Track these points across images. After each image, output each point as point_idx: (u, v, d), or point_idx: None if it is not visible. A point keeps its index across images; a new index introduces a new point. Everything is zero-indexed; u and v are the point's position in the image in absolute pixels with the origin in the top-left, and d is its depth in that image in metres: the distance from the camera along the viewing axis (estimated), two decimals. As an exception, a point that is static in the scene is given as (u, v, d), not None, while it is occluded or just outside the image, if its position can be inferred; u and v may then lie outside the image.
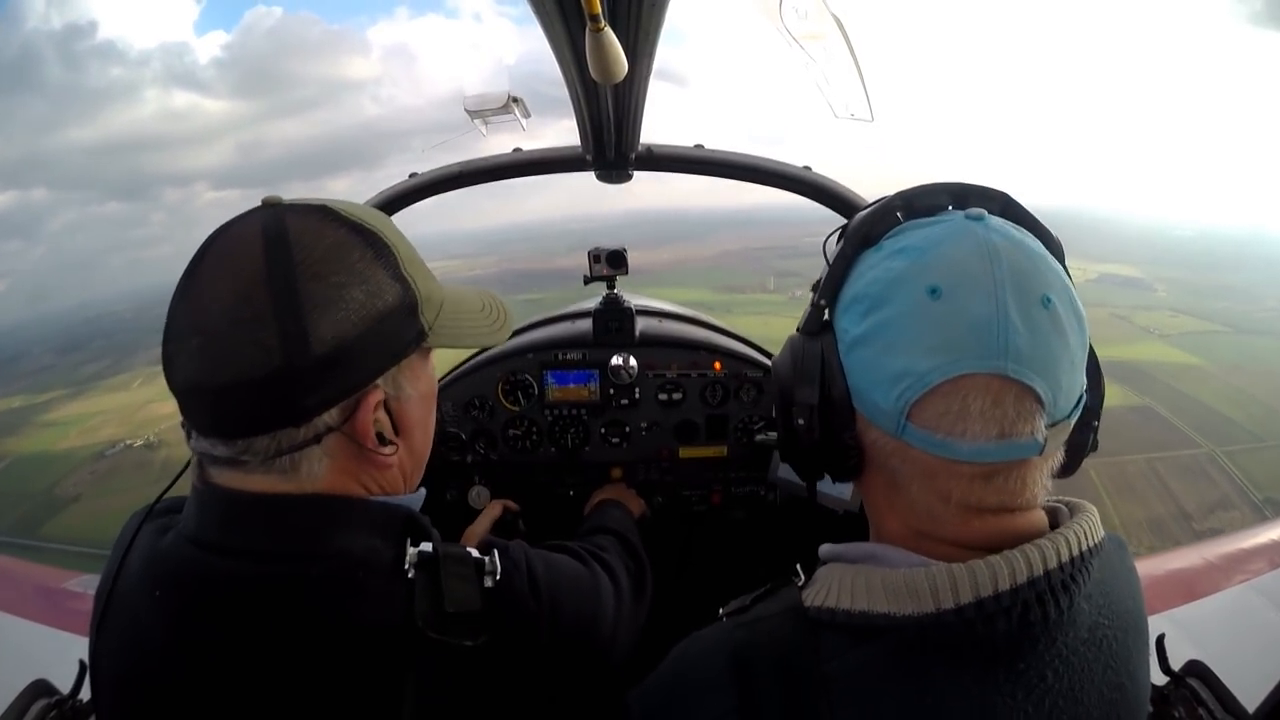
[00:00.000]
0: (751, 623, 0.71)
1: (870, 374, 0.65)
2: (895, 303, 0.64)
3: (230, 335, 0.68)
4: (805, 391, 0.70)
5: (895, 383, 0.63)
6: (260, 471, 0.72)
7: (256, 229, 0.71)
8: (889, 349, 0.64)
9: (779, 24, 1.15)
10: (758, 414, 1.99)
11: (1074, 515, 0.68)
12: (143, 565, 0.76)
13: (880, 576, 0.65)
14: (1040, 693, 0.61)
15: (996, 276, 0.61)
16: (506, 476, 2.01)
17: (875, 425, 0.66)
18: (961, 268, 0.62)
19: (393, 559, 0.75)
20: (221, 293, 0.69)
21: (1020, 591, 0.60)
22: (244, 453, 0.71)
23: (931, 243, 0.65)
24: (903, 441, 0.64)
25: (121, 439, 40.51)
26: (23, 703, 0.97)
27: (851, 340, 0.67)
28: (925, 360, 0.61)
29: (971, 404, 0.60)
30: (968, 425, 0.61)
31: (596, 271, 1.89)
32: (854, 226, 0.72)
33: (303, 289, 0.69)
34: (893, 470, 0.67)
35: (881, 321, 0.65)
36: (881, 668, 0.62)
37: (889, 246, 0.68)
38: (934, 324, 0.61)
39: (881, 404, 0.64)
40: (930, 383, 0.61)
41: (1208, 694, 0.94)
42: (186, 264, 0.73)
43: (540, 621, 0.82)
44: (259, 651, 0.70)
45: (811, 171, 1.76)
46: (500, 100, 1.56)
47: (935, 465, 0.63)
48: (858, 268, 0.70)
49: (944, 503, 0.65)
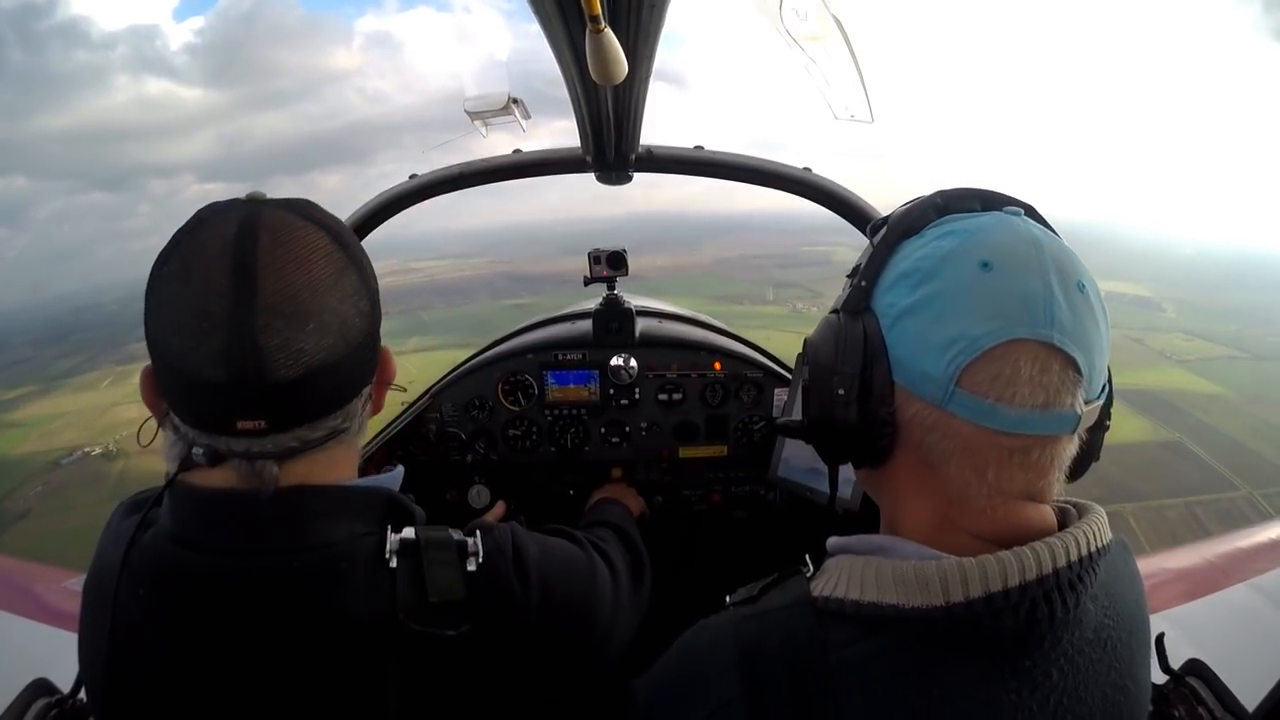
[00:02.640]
0: (760, 613, 0.71)
1: (919, 343, 0.66)
2: (947, 275, 0.66)
3: (338, 310, 0.73)
4: (848, 363, 0.69)
5: (947, 348, 0.64)
6: (335, 444, 0.78)
7: (289, 214, 0.75)
8: (940, 317, 0.65)
9: (779, 25, 1.15)
10: (758, 414, 1.99)
11: (1082, 516, 0.69)
12: (127, 562, 0.76)
13: (890, 568, 0.65)
14: (1045, 691, 0.61)
15: (1040, 259, 0.64)
16: (506, 476, 2.01)
17: (919, 397, 0.66)
18: (1010, 248, 0.65)
19: (374, 547, 0.75)
20: (313, 276, 0.72)
21: (1029, 588, 0.60)
22: (343, 421, 0.78)
23: (978, 227, 0.68)
24: (946, 412, 0.64)
25: (80, 445, 38.28)
26: (23, 702, 0.97)
27: (899, 312, 0.68)
28: (979, 326, 0.63)
29: (1022, 369, 0.62)
30: (1017, 390, 0.62)
31: (596, 273, 1.90)
32: (897, 217, 0.74)
33: (358, 256, 0.78)
34: (928, 447, 0.67)
35: (934, 291, 0.66)
36: (889, 659, 0.63)
37: (933, 233, 0.70)
38: (987, 294, 0.64)
39: (931, 371, 0.65)
40: (983, 346, 0.62)
41: (1207, 693, 0.94)
42: (205, 264, 0.70)
43: (526, 605, 0.81)
44: (245, 647, 0.70)
45: (811, 173, 1.76)
46: (500, 101, 1.56)
47: (976, 437, 0.64)
48: (900, 252, 0.72)
49: (979, 479, 0.65)
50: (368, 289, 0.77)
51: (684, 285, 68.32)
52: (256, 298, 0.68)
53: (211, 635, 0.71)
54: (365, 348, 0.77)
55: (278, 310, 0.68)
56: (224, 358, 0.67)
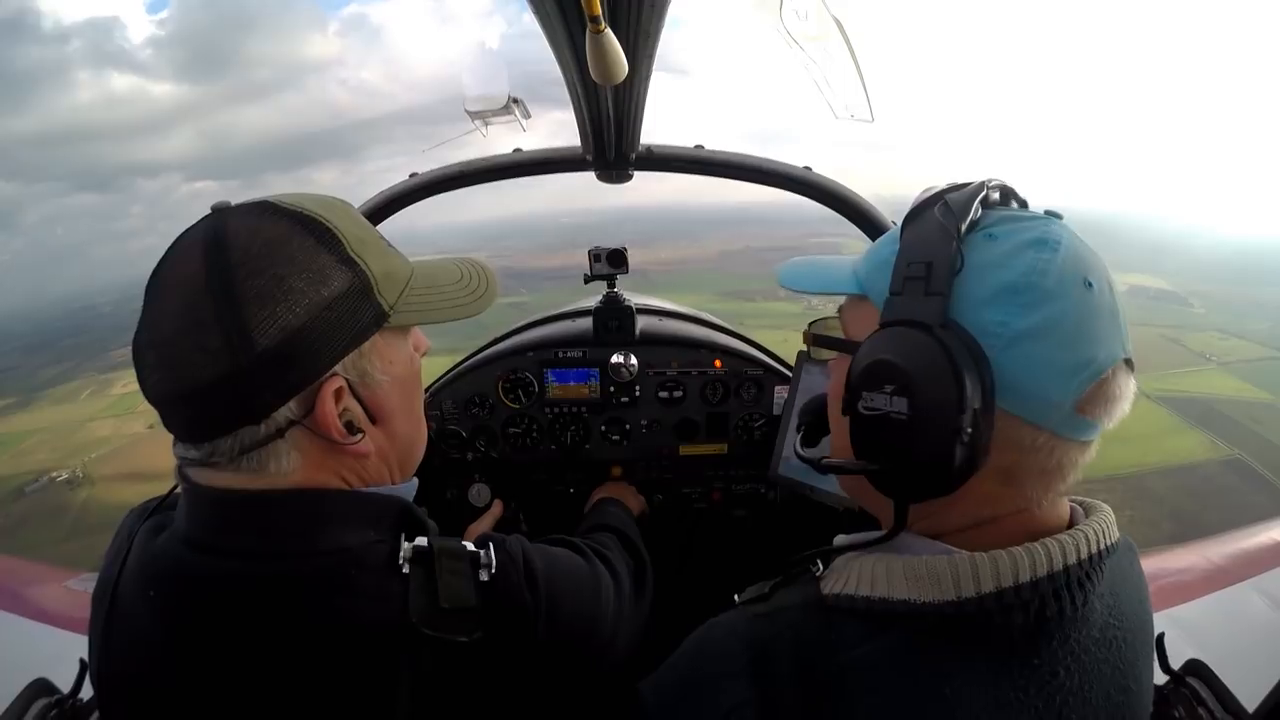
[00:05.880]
0: (771, 613, 0.70)
1: (1044, 369, 0.62)
2: (1064, 296, 0.62)
3: (178, 344, 0.69)
4: (974, 396, 0.60)
5: (1074, 374, 0.62)
6: (230, 470, 0.73)
7: (199, 238, 0.72)
8: (1066, 342, 0.62)
9: (779, 25, 1.15)
10: (758, 411, 1.99)
11: (1089, 515, 0.69)
12: (138, 566, 0.77)
13: (901, 563, 0.65)
14: (1052, 689, 0.61)
15: (1101, 268, 0.65)
16: (507, 474, 2.01)
17: (1029, 422, 0.62)
18: (1091, 261, 0.65)
19: (388, 554, 0.75)
20: (170, 305, 0.70)
21: (1039, 585, 0.60)
22: (211, 454, 0.72)
23: (1057, 237, 0.65)
24: (1059, 436, 0.63)
25: (48, 470, 36.94)
26: (23, 702, 0.97)
27: (1014, 335, 0.61)
28: (1099, 349, 0.63)
29: (1125, 388, 0.65)
30: (1121, 408, 0.65)
31: (597, 270, 1.89)
32: (958, 209, 0.66)
33: (240, 287, 0.68)
34: (1020, 467, 0.64)
35: (1056, 314, 0.62)
36: (899, 656, 0.62)
37: (1009, 236, 0.65)
38: (1095, 314, 0.63)
39: (1055, 397, 0.62)
40: (1104, 370, 0.63)
41: (1208, 693, 0.94)
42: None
43: (537, 616, 0.81)
44: (254, 651, 0.70)
45: (812, 172, 1.77)
46: (501, 101, 1.57)
47: (1074, 453, 0.65)
48: (978, 255, 0.65)
49: (1051, 490, 0.67)
50: (221, 326, 0.67)
51: (689, 280, 66.22)
52: (140, 325, 0.72)
53: (220, 639, 0.71)
54: (215, 388, 0.68)
55: (142, 339, 0.72)
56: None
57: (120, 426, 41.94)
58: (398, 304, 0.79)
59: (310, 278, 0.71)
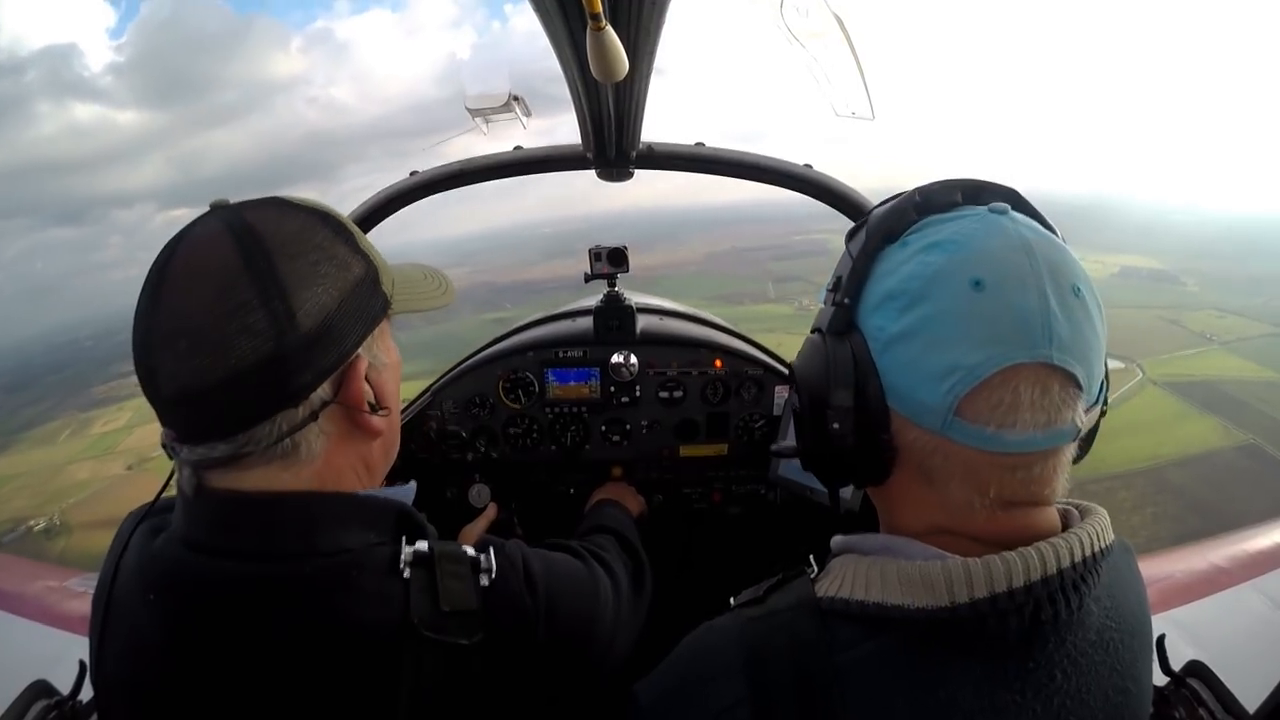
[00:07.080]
0: (766, 615, 0.70)
1: (913, 371, 0.64)
2: (937, 298, 0.63)
3: (220, 329, 0.68)
4: (840, 394, 0.67)
5: (944, 378, 0.61)
6: (262, 463, 0.73)
7: (219, 228, 0.72)
8: (934, 344, 0.62)
9: (780, 22, 1.15)
10: (758, 412, 1.99)
11: (1085, 517, 0.69)
12: (137, 568, 0.77)
13: (896, 568, 0.65)
14: (1049, 693, 0.61)
15: (1034, 268, 0.61)
16: (507, 475, 2.01)
17: (916, 424, 0.65)
18: (1001, 261, 0.62)
19: (388, 557, 0.75)
20: (201, 292, 0.69)
21: (1034, 589, 0.60)
22: (245, 445, 0.72)
23: (965, 237, 0.64)
24: (946, 438, 0.63)
25: (25, 518, 34.40)
26: (23, 703, 0.97)
27: (888, 338, 0.65)
28: (975, 353, 0.60)
29: (1023, 394, 0.60)
30: (1018, 416, 0.60)
31: (597, 270, 1.89)
32: (875, 223, 0.70)
33: (282, 269, 0.71)
34: (930, 469, 0.66)
35: (924, 317, 0.63)
36: (894, 660, 0.62)
37: (916, 242, 0.67)
38: (980, 317, 0.61)
39: (927, 400, 0.63)
40: (981, 375, 0.60)
41: (1208, 694, 0.94)
42: (145, 281, 0.73)
43: (537, 619, 0.82)
44: (254, 652, 0.70)
45: (812, 169, 1.76)
46: (501, 99, 1.56)
47: (979, 460, 0.63)
48: (883, 264, 0.69)
49: (983, 496, 0.64)
50: (268, 307, 0.69)
51: (676, 286, 63.81)
52: (155, 318, 0.70)
53: (221, 640, 0.70)
54: (260, 370, 0.69)
55: (163, 330, 0.70)
56: (138, 370, 0.72)
57: (99, 469, 39.57)
58: (394, 295, 0.84)
59: (337, 264, 0.76)
